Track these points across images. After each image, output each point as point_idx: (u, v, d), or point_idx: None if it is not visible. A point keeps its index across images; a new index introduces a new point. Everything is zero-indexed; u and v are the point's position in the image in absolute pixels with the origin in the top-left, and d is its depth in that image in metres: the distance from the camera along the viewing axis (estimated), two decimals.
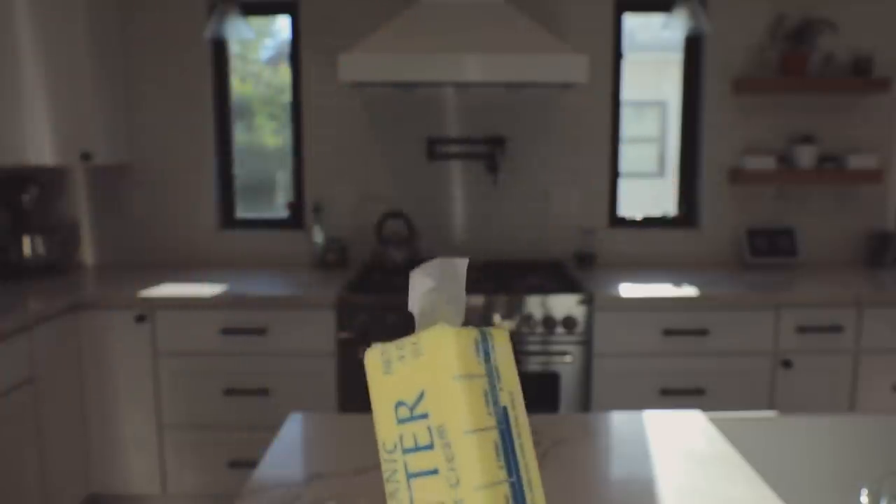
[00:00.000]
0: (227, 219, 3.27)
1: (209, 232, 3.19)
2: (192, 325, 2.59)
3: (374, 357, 0.46)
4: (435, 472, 0.42)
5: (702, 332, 2.58)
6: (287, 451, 1.28)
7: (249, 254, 3.19)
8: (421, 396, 0.43)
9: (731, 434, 1.31)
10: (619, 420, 1.43)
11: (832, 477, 1.16)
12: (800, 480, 1.15)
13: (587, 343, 2.57)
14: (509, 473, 0.43)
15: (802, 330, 2.59)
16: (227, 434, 2.65)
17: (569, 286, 2.65)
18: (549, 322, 2.53)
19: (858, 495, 0.88)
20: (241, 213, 3.30)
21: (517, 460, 0.44)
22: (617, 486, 1.15)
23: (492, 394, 0.44)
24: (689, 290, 2.63)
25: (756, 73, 3.08)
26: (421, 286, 0.47)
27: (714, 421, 1.38)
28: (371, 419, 0.46)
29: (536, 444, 0.48)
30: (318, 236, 3.10)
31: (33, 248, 2.92)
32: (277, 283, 2.80)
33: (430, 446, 0.43)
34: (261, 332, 2.57)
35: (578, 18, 3.07)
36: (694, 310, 2.58)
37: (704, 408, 1.49)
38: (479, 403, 0.43)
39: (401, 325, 2.64)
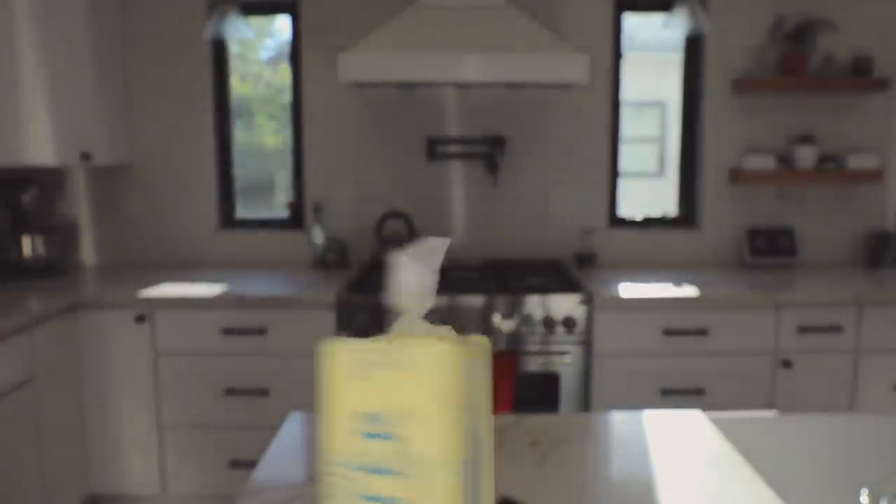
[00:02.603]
0: (227, 219, 3.27)
1: (209, 232, 3.19)
2: (192, 325, 2.58)
3: (344, 353, 0.38)
4: (394, 501, 0.37)
5: (702, 332, 2.58)
6: (287, 451, 1.28)
7: (249, 254, 3.19)
8: (401, 415, 0.37)
9: (731, 434, 1.31)
10: (619, 420, 1.43)
11: (832, 477, 1.16)
12: (800, 480, 1.15)
13: (587, 343, 2.57)
14: None
15: (802, 330, 2.59)
16: (227, 434, 2.65)
17: (569, 286, 2.64)
18: (549, 322, 2.53)
19: (858, 495, 0.88)
20: (241, 213, 3.30)
21: (479, 489, 0.40)
22: (617, 486, 1.15)
23: (473, 419, 0.39)
24: (689, 290, 2.63)
25: (756, 73, 3.08)
26: (408, 272, 0.42)
27: (714, 421, 1.38)
28: None
29: (536, 444, 0.48)
30: (318, 236, 3.10)
31: (33, 248, 2.92)
32: (277, 283, 2.80)
33: (395, 473, 0.37)
34: (261, 332, 2.57)
35: (578, 18, 3.07)
36: (694, 310, 2.58)
37: (704, 408, 1.49)
38: (466, 436, 0.38)
39: None
